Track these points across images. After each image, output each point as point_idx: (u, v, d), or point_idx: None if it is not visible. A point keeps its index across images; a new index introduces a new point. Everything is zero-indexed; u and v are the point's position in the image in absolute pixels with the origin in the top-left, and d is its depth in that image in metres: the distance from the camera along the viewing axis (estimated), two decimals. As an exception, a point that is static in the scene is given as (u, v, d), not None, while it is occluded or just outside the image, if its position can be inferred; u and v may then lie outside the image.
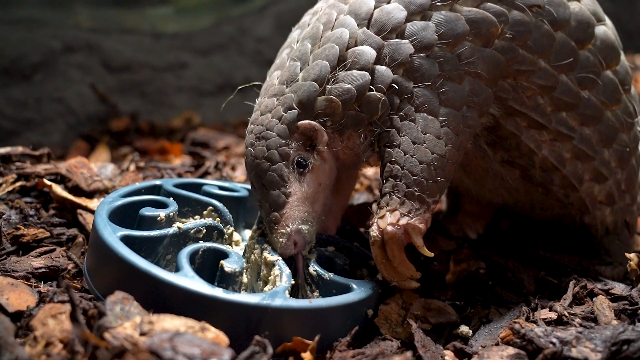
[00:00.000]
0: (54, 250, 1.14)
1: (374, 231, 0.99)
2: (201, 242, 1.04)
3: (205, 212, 1.16)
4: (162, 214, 1.05)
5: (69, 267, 1.09)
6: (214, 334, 0.82)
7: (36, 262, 1.09)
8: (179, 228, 1.04)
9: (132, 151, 2.11)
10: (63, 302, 0.91)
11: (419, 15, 1.02)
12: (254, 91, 1.13)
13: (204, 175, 1.71)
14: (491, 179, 1.22)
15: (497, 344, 0.95)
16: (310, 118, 1.02)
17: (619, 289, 1.10)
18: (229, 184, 1.31)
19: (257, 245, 1.07)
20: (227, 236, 1.11)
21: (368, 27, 1.02)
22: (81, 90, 2.48)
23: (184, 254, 0.95)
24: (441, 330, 1.04)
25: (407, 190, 0.98)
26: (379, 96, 1.00)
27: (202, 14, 3.17)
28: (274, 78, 1.08)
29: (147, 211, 1.05)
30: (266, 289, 1.00)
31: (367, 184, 1.73)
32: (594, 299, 1.05)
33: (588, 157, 1.12)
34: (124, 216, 1.07)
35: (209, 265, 0.98)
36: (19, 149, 1.49)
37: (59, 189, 1.30)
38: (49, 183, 1.32)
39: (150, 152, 2.16)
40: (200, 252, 0.98)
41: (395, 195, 0.99)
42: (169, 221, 1.06)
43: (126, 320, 0.82)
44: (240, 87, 1.21)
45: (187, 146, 2.22)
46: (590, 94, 1.09)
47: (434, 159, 0.99)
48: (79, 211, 1.26)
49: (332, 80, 1.01)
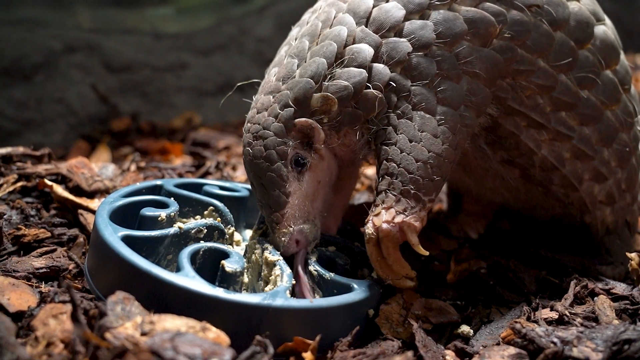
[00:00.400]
0: (55, 250, 1.14)
1: (369, 229, 0.99)
2: (202, 242, 1.04)
3: (206, 212, 1.16)
4: (163, 214, 1.05)
5: (70, 267, 1.09)
6: (215, 334, 0.82)
7: (37, 262, 1.09)
8: (179, 228, 1.04)
9: (133, 151, 2.11)
10: (64, 302, 0.91)
11: (418, 14, 1.02)
12: (253, 90, 1.13)
13: (205, 175, 1.71)
14: (491, 178, 1.22)
15: (498, 344, 0.95)
16: (307, 115, 1.02)
17: (620, 288, 1.10)
18: (229, 184, 1.31)
19: (258, 245, 1.07)
20: (228, 236, 1.12)
21: (366, 25, 1.03)
22: (82, 91, 2.48)
23: (185, 254, 0.95)
24: (442, 330, 1.04)
25: (403, 188, 0.98)
26: (376, 94, 1.00)
27: (203, 14, 3.17)
28: (271, 75, 1.08)
29: (148, 211, 1.05)
30: (267, 288, 1.01)
31: (368, 184, 1.73)
32: (595, 298, 1.05)
33: (588, 156, 1.12)
34: (124, 216, 1.07)
35: (209, 266, 0.98)
36: (20, 149, 1.49)
37: (59, 189, 1.30)
38: (49, 183, 1.32)
39: (151, 152, 2.16)
40: (201, 252, 0.98)
41: (391, 193, 0.99)
42: (170, 221, 1.06)
43: (127, 320, 0.82)
44: (240, 83, 1.21)
45: (187, 146, 2.22)
46: (590, 93, 1.09)
47: (431, 157, 0.99)
48: (79, 211, 1.26)
49: (329, 77, 1.01)
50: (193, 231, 1.05)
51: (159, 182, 1.23)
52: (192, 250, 0.97)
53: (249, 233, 1.24)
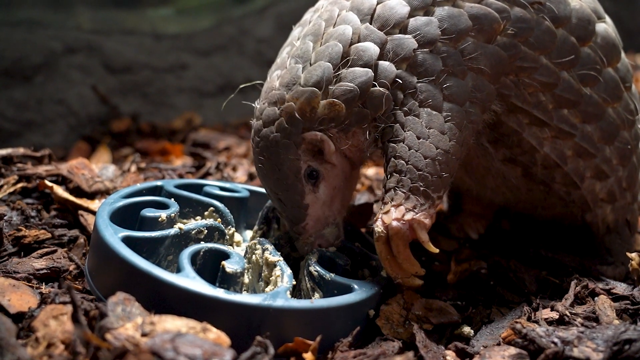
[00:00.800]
0: (55, 251, 1.14)
1: (378, 227, 0.98)
2: (202, 242, 1.04)
3: (206, 213, 1.16)
4: (163, 214, 1.05)
5: (71, 268, 1.09)
6: (215, 334, 0.82)
7: (37, 263, 1.09)
8: (180, 229, 1.04)
9: (133, 152, 2.11)
10: (64, 303, 0.91)
11: (422, 11, 1.02)
12: (254, 91, 1.12)
13: (205, 176, 1.71)
14: (492, 177, 1.22)
15: (498, 344, 0.95)
16: (315, 124, 1.01)
17: (620, 288, 1.10)
18: (230, 185, 1.31)
19: (258, 246, 1.07)
20: (228, 237, 1.12)
21: (371, 22, 1.02)
22: (82, 92, 2.48)
23: (186, 255, 0.95)
24: (443, 331, 1.03)
25: (412, 185, 0.98)
26: (382, 91, 0.99)
27: (203, 15, 3.17)
28: (274, 79, 1.06)
29: (149, 212, 1.05)
30: (267, 289, 1.00)
31: (368, 184, 1.73)
32: (596, 298, 1.05)
33: (589, 154, 1.12)
34: (125, 217, 1.07)
35: (210, 266, 0.98)
36: (20, 150, 1.49)
37: (60, 190, 1.30)
38: (50, 184, 1.32)
39: (151, 153, 2.16)
40: (202, 253, 0.98)
41: (400, 190, 0.98)
42: (170, 222, 1.06)
43: (128, 321, 0.82)
44: (242, 85, 1.21)
45: (188, 147, 2.22)
46: (592, 91, 1.09)
47: (439, 154, 0.99)
48: (80, 212, 1.26)
49: (335, 81, 1.00)
50: (193, 232, 1.05)
51: (159, 182, 1.23)
52: (193, 251, 0.97)
53: (249, 234, 1.24)
